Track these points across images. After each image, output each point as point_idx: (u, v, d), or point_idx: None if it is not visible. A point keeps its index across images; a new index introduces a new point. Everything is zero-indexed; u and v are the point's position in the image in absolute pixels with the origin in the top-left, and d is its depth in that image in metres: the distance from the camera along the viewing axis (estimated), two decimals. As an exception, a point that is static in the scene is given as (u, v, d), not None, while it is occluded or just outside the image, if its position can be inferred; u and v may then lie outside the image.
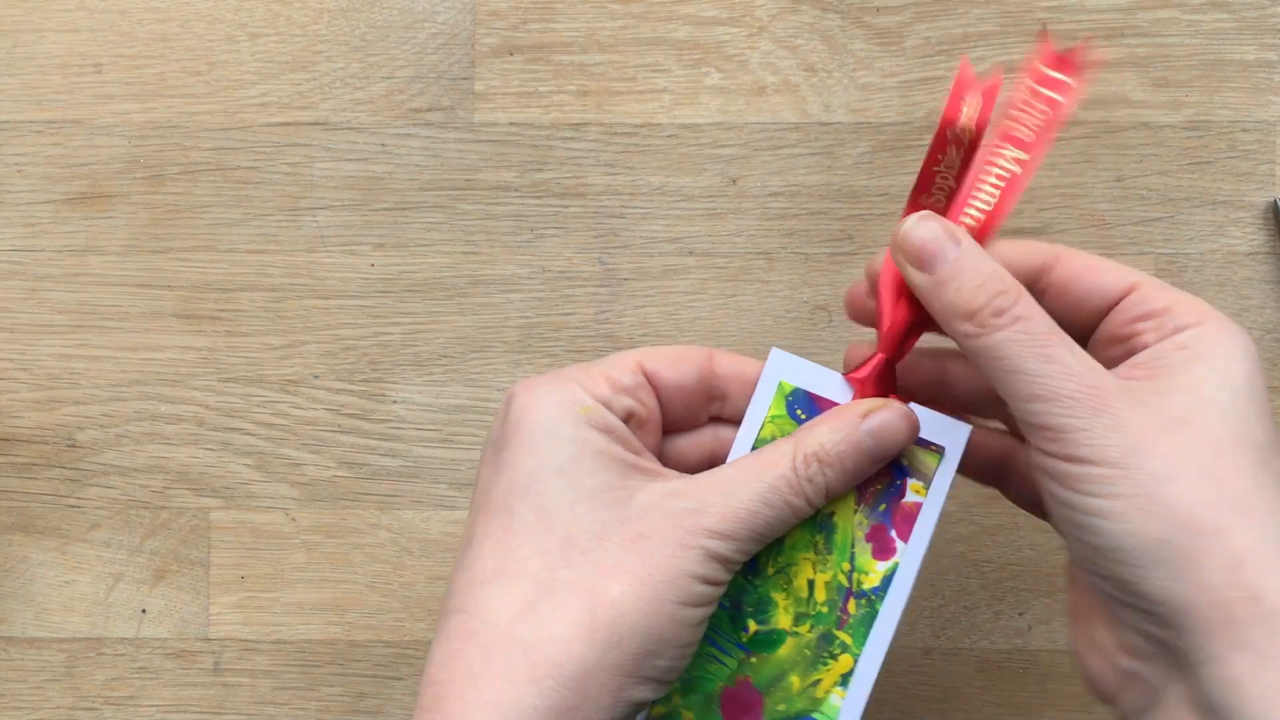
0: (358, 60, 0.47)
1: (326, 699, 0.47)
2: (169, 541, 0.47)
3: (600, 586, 0.32)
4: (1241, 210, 0.46)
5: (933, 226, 0.34)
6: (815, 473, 0.33)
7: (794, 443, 0.34)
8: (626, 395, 0.34)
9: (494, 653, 0.31)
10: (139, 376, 0.47)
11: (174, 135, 0.47)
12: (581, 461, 0.33)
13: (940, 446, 0.35)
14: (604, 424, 0.33)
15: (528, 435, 0.33)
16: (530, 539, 0.32)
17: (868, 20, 0.46)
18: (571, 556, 0.32)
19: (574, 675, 0.31)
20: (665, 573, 0.32)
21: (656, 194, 0.47)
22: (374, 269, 0.47)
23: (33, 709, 0.47)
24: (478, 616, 0.32)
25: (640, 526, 0.32)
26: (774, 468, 0.33)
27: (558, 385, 0.34)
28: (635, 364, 0.35)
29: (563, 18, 0.47)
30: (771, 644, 0.35)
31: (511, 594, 0.32)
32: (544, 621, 0.31)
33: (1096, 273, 0.34)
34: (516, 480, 0.33)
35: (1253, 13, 0.46)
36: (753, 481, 0.33)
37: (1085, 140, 0.46)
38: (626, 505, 0.33)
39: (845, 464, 0.34)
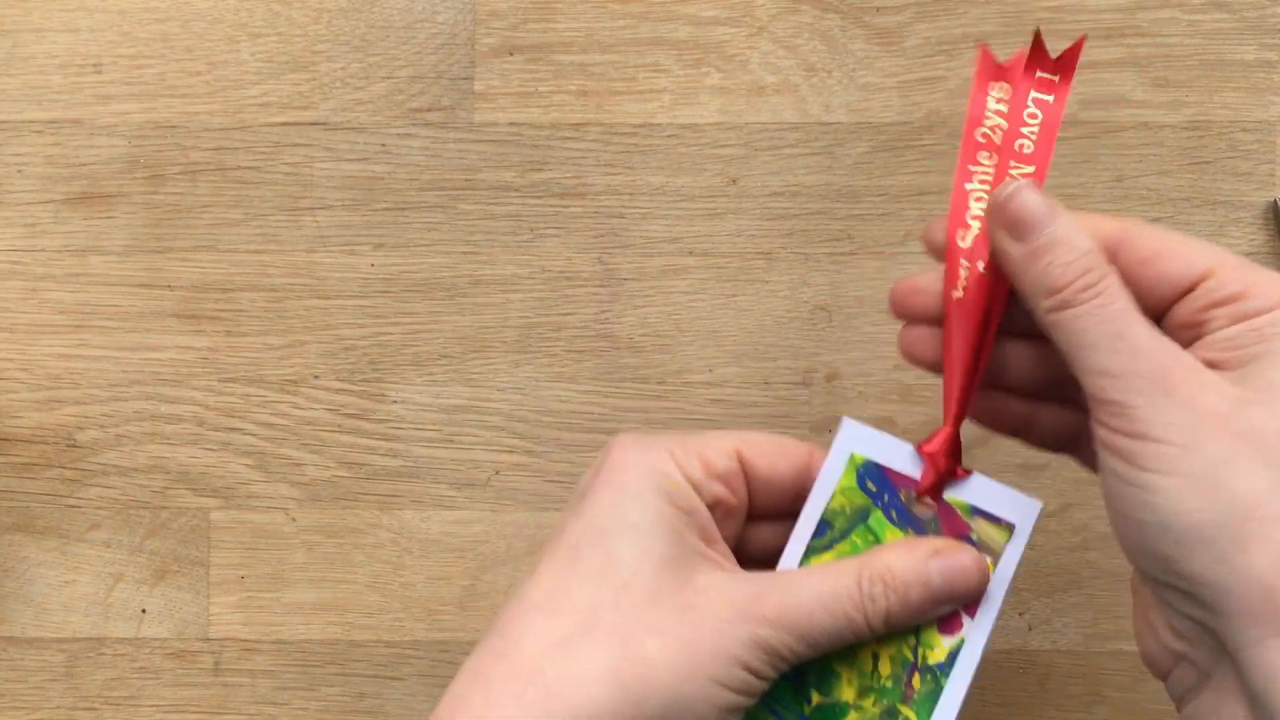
0: (358, 60, 0.47)
1: (326, 699, 0.47)
2: (169, 541, 0.47)
3: (638, 640, 0.31)
4: (1241, 210, 0.46)
5: (1034, 197, 0.33)
6: (879, 594, 0.33)
7: (862, 560, 0.33)
8: (719, 482, 0.34)
9: (516, 680, 0.31)
10: (139, 376, 0.47)
11: (174, 135, 0.47)
12: (657, 529, 0.33)
13: (1010, 523, 0.35)
14: (688, 504, 0.33)
15: (613, 489, 0.33)
16: (586, 579, 0.32)
17: (868, 20, 0.46)
18: (621, 606, 0.32)
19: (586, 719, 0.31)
20: (709, 645, 0.31)
21: (656, 194, 0.47)
22: (374, 269, 0.47)
23: (33, 709, 0.47)
24: (512, 641, 0.32)
25: (695, 599, 0.32)
26: (839, 578, 0.33)
27: (654, 453, 0.34)
28: (733, 449, 0.34)
29: (563, 18, 0.47)
30: (835, 715, 0.34)
31: (550, 626, 0.32)
32: (572, 660, 0.31)
33: (1167, 259, 0.33)
34: (592, 526, 0.33)
35: (1253, 13, 0.46)
36: (815, 585, 0.33)
37: (1085, 140, 0.46)
38: (688, 579, 0.32)
39: (909, 595, 0.33)
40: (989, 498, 0.35)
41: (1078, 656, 0.46)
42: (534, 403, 0.47)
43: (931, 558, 0.34)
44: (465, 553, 0.47)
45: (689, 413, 0.47)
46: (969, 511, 0.35)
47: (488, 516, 0.47)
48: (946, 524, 0.35)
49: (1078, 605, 0.46)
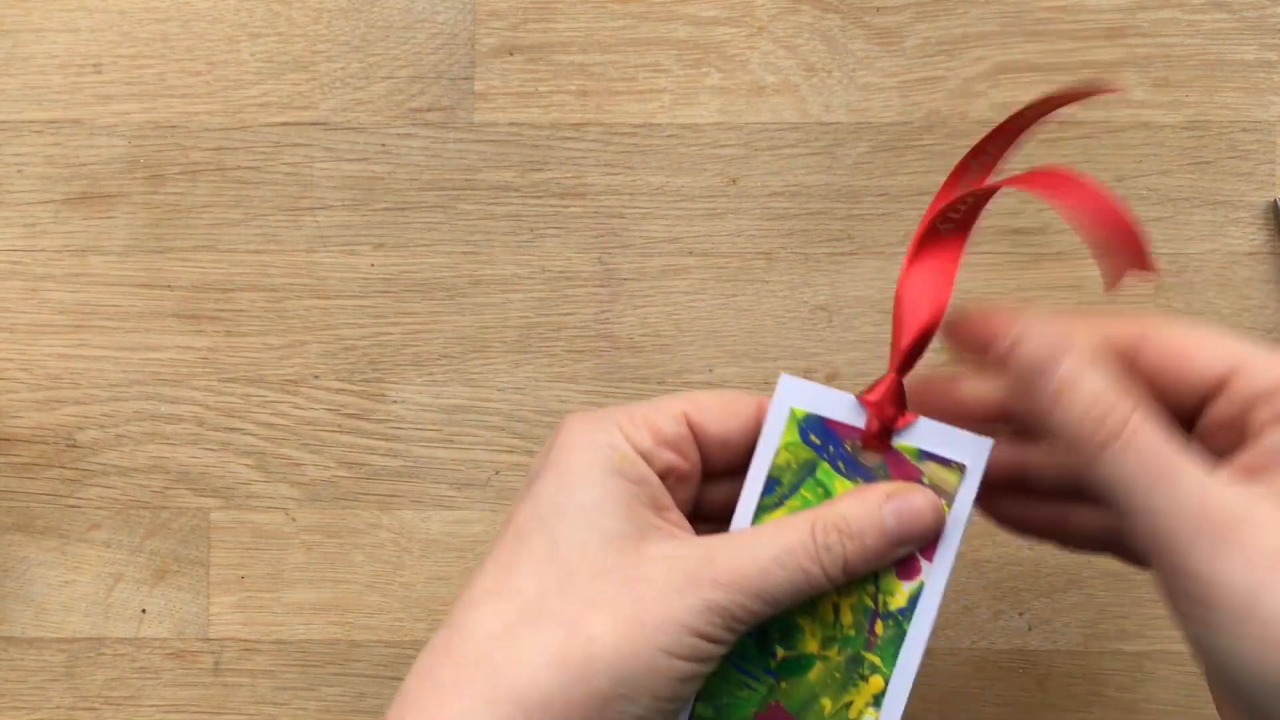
0: (358, 60, 0.47)
1: (326, 699, 0.47)
2: (169, 541, 0.47)
3: (584, 620, 0.31)
4: (1241, 210, 0.46)
5: (1034, 342, 0.31)
6: (834, 542, 0.32)
7: (814, 513, 0.33)
8: (668, 449, 0.33)
9: (464, 670, 0.31)
10: (139, 376, 0.47)
11: (174, 135, 0.47)
12: (603, 506, 0.32)
13: (961, 464, 0.34)
14: (636, 475, 0.33)
15: (560, 470, 0.33)
16: (532, 565, 0.32)
17: (868, 20, 0.46)
18: (566, 589, 0.31)
19: (534, 704, 0.30)
20: (655, 616, 0.31)
21: (656, 194, 0.47)
22: (374, 269, 0.47)
23: (33, 709, 0.47)
24: (460, 632, 0.32)
25: (641, 570, 0.31)
26: (792, 531, 0.32)
27: (601, 427, 0.33)
28: (681, 414, 0.34)
29: (563, 18, 0.47)
30: (800, 668, 0.34)
31: (497, 614, 0.31)
32: (519, 646, 0.31)
33: (1191, 356, 0.32)
34: (538, 510, 0.32)
35: (1253, 13, 0.46)
36: (767, 541, 0.32)
37: (1085, 140, 0.46)
38: (636, 552, 0.32)
39: (865, 540, 0.32)
40: (937, 440, 0.34)
41: (1078, 656, 0.46)
42: (534, 403, 0.47)
43: (885, 501, 0.33)
44: (465, 553, 0.47)
45: (689, 413, 0.47)
46: (918, 456, 0.34)
47: (488, 516, 0.47)
48: (896, 470, 0.34)
49: (1078, 605, 0.46)
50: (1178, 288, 0.46)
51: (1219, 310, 0.46)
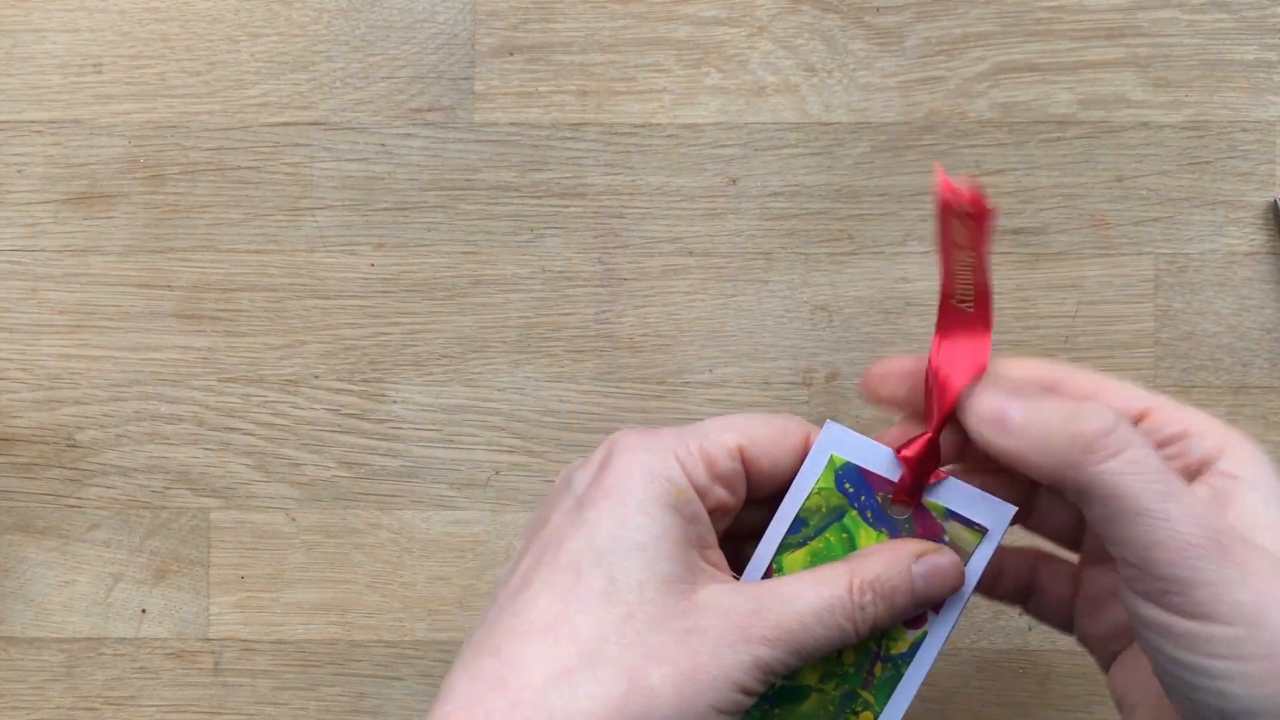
0: (358, 60, 0.47)
1: (326, 699, 0.47)
2: (169, 541, 0.47)
3: (643, 671, 0.30)
4: (1241, 210, 0.46)
5: (989, 396, 0.33)
6: (869, 602, 0.32)
7: (850, 567, 0.33)
8: (721, 484, 0.33)
9: (519, 711, 0.30)
10: (139, 376, 0.47)
11: (174, 135, 0.47)
12: (661, 545, 0.32)
13: (983, 527, 0.35)
14: (691, 512, 0.33)
15: (619, 502, 0.32)
16: (591, 606, 0.31)
17: (868, 20, 0.46)
18: (625, 634, 0.31)
19: None
20: (710, 673, 0.31)
21: (656, 194, 0.47)
22: (374, 269, 0.47)
23: (33, 709, 0.47)
24: (513, 667, 0.31)
25: (697, 620, 0.31)
26: (831, 587, 0.32)
27: (658, 456, 0.33)
28: (736, 448, 0.33)
29: (563, 18, 0.47)
30: (796, 698, 0.35)
31: (555, 655, 0.31)
32: (577, 692, 0.30)
33: (1101, 400, 0.32)
34: (595, 544, 0.32)
35: (1253, 13, 0.46)
36: (810, 597, 0.32)
37: (1085, 140, 0.46)
38: (689, 597, 0.32)
39: (895, 600, 0.33)
40: (964, 501, 0.35)
41: (1078, 656, 0.46)
42: (534, 403, 0.47)
43: (914, 561, 0.33)
44: (465, 553, 0.47)
45: (689, 413, 0.47)
46: (944, 514, 0.35)
47: (488, 516, 0.47)
48: (921, 526, 0.35)
49: (1078, 605, 0.46)
50: (1178, 288, 0.46)
51: (1219, 310, 0.46)
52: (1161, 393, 0.34)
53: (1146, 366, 0.46)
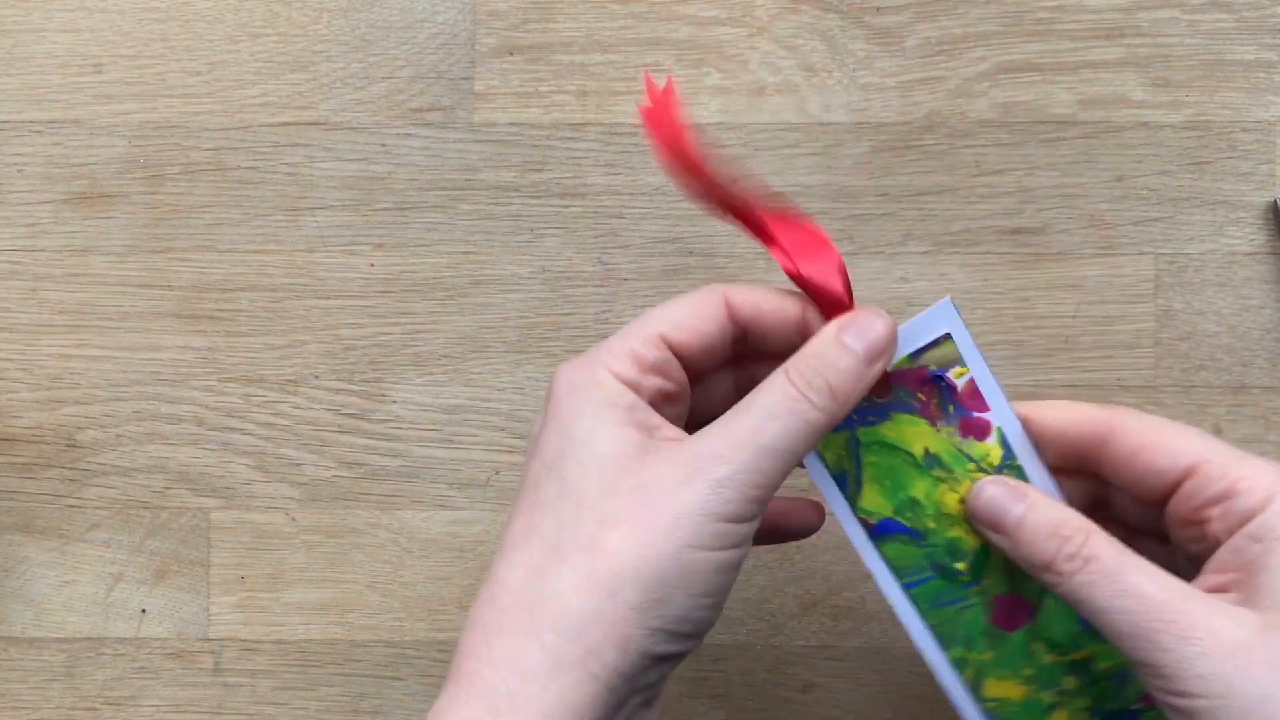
0: (358, 60, 0.47)
1: (326, 699, 0.47)
2: (169, 541, 0.47)
3: (601, 538, 0.31)
4: (1241, 210, 0.46)
5: (993, 491, 0.34)
6: (811, 375, 0.33)
7: (783, 365, 0.33)
8: (654, 374, 0.34)
9: (506, 613, 0.32)
10: (139, 376, 0.47)
11: (174, 135, 0.47)
12: (598, 434, 0.33)
13: (945, 334, 0.36)
14: (625, 400, 0.33)
15: (557, 419, 0.33)
16: (549, 507, 0.32)
17: (868, 20, 0.46)
18: (579, 516, 0.32)
19: (571, 626, 0.31)
20: (667, 515, 0.31)
21: (656, 194, 0.47)
22: (374, 269, 0.47)
23: (33, 709, 0.47)
24: (498, 581, 0.32)
25: (644, 477, 0.32)
26: (769, 387, 0.33)
27: (584, 368, 0.34)
28: (657, 337, 0.34)
29: (563, 18, 0.47)
30: (983, 559, 0.36)
31: (527, 557, 0.32)
32: (548, 578, 0.31)
33: (1151, 453, 0.33)
34: (545, 459, 0.33)
35: (1253, 13, 0.46)
36: (753, 406, 0.33)
37: (1085, 140, 0.46)
38: (638, 464, 0.32)
39: (838, 363, 0.33)
40: (915, 336, 0.36)
41: (1078, 656, 0.46)
42: (534, 403, 0.47)
43: (841, 331, 0.34)
44: (465, 553, 0.47)
45: (689, 413, 0.47)
46: (911, 359, 0.36)
47: (488, 516, 0.47)
48: (912, 383, 0.36)
49: (1078, 605, 0.46)
50: (1178, 288, 0.46)
51: (1219, 310, 0.46)
52: (1216, 441, 0.34)
53: (1146, 366, 0.46)
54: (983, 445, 0.36)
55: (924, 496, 0.36)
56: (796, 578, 0.47)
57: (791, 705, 0.47)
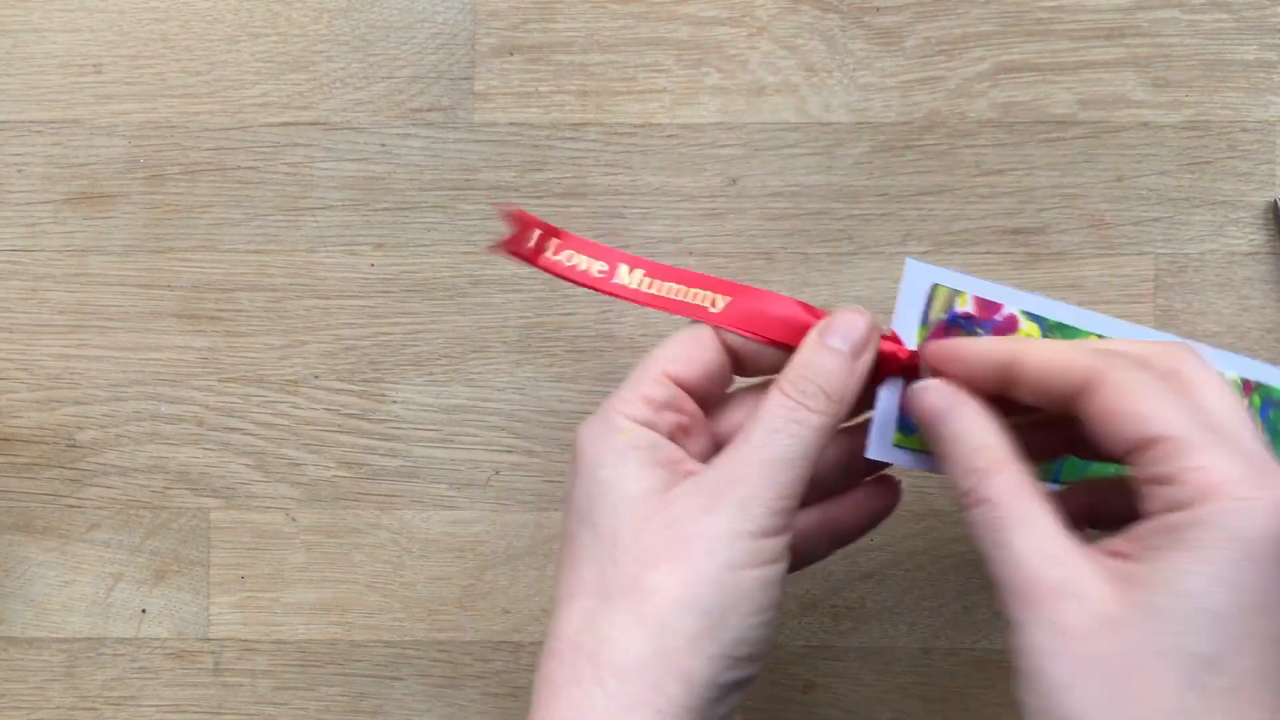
0: (358, 60, 0.47)
1: (326, 699, 0.47)
2: (169, 541, 0.47)
3: (643, 579, 0.32)
4: (1241, 210, 0.46)
5: (930, 400, 0.34)
6: (803, 383, 0.34)
7: (782, 372, 0.35)
8: (667, 410, 0.35)
9: (567, 665, 0.32)
10: (139, 376, 0.47)
11: (174, 135, 0.47)
12: (625, 475, 0.33)
13: (930, 286, 0.37)
14: (646, 442, 0.34)
15: (584, 471, 0.34)
16: (587, 556, 0.33)
17: (868, 20, 0.46)
18: (618, 559, 0.32)
19: (633, 669, 0.31)
20: (700, 543, 0.32)
21: (656, 194, 0.47)
22: (374, 269, 0.47)
23: (33, 709, 0.47)
24: (556, 637, 0.33)
25: (672, 511, 0.33)
26: (767, 405, 0.34)
27: (602, 419, 0.34)
28: (663, 375, 0.35)
29: (563, 18, 0.47)
30: None
31: (578, 609, 0.33)
32: (601, 626, 0.32)
33: (1120, 419, 0.31)
34: (578, 511, 0.34)
35: (1253, 13, 0.46)
36: (756, 425, 0.33)
37: (1085, 140, 0.46)
38: (663, 500, 0.33)
39: (826, 365, 0.34)
40: (910, 311, 0.36)
41: (1078, 656, 0.46)
42: (534, 403, 0.47)
43: (823, 335, 0.35)
44: (465, 553, 0.47)
45: (689, 413, 0.47)
46: (924, 327, 0.37)
47: (488, 516, 0.47)
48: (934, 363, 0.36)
49: (1078, 605, 0.46)
50: (1178, 288, 0.46)
51: (1219, 310, 0.46)
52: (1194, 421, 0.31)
53: (1146, 366, 0.46)
54: (1024, 333, 0.36)
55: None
56: (796, 578, 0.47)
57: (791, 705, 0.47)
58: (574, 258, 0.38)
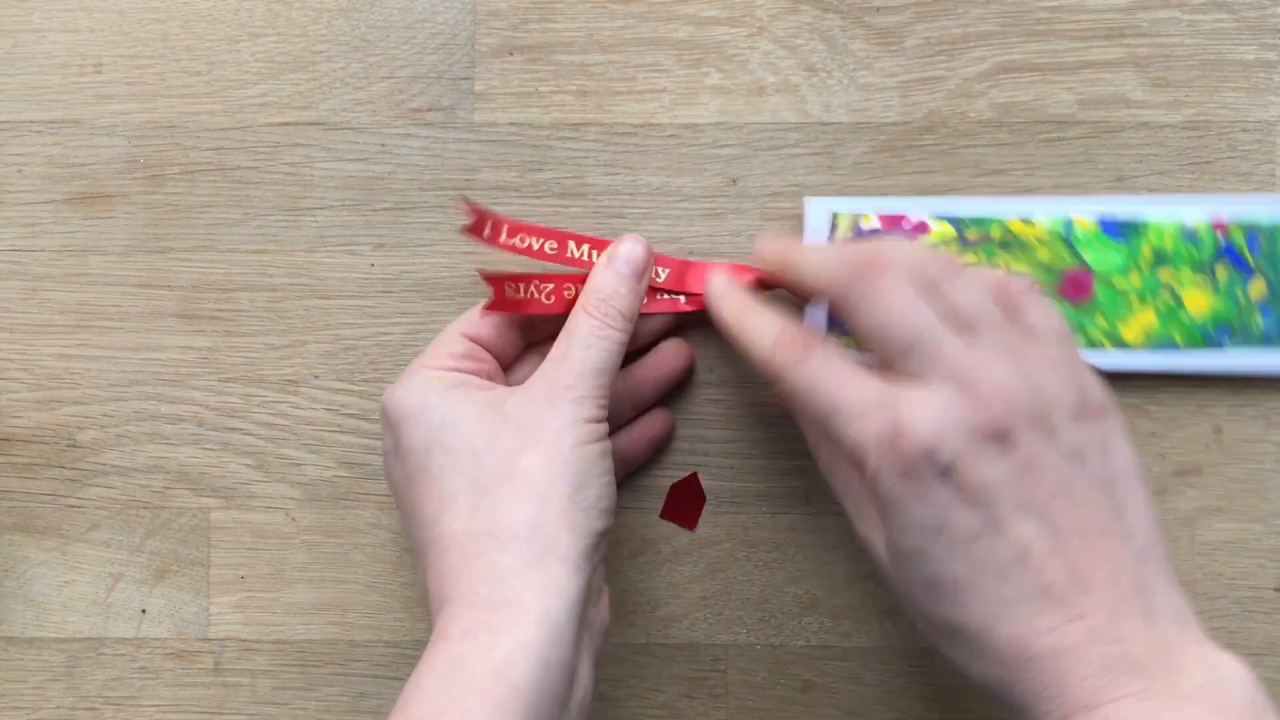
0: (358, 60, 0.47)
1: (326, 699, 0.47)
2: (169, 541, 0.47)
3: (515, 465, 0.39)
4: (1241, 210, 0.46)
5: (726, 293, 0.43)
6: (604, 305, 0.41)
7: (580, 299, 0.42)
8: (468, 360, 0.42)
9: (466, 547, 0.38)
10: (139, 376, 0.47)
11: (174, 135, 0.47)
12: (455, 408, 0.40)
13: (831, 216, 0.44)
14: (459, 381, 0.41)
15: (410, 419, 0.40)
16: (449, 473, 0.39)
17: (868, 20, 0.46)
18: (483, 462, 0.39)
19: (527, 530, 0.38)
20: (551, 430, 0.39)
21: (656, 194, 0.47)
22: (374, 269, 0.47)
23: (33, 709, 0.47)
24: (445, 537, 0.38)
25: (517, 417, 0.40)
26: (579, 324, 0.41)
27: (412, 377, 0.41)
28: (458, 335, 0.42)
29: (563, 18, 0.47)
30: None
31: (460, 509, 0.38)
32: (489, 512, 0.38)
33: (870, 332, 0.39)
34: (419, 448, 0.40)
35: (1253, 13, 0.46)
36: (571, 341, 0.41)
37: (1085, 140, 0.46)
38: (501, 411, 0.40)
39: (615, 286, 0.42)
40: (819, 240, 0.43)
41: (1078, 656, 0.46)
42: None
43: (611, 260, 0.43)
44: (465, 553, 0.47)
45: (689, 413, 0.47)
46: None
47: (488, 516, 0.47)
48: None
49: (1078, 605, 0.46)
50: (1178, 288, 0.46)
51: (1219, 310, 0.46)
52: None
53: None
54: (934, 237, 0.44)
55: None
56: (796, 578, 0.47)
57: (791, 705, 0.47)
58: (525, 239, 0.44)
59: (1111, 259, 0.44)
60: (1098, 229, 0.44)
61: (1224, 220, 0.44)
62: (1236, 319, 0.44)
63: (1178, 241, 0.44)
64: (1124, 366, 0.45)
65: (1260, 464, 0.46)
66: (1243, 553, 0.46)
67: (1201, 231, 0.44)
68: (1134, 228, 0.45)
